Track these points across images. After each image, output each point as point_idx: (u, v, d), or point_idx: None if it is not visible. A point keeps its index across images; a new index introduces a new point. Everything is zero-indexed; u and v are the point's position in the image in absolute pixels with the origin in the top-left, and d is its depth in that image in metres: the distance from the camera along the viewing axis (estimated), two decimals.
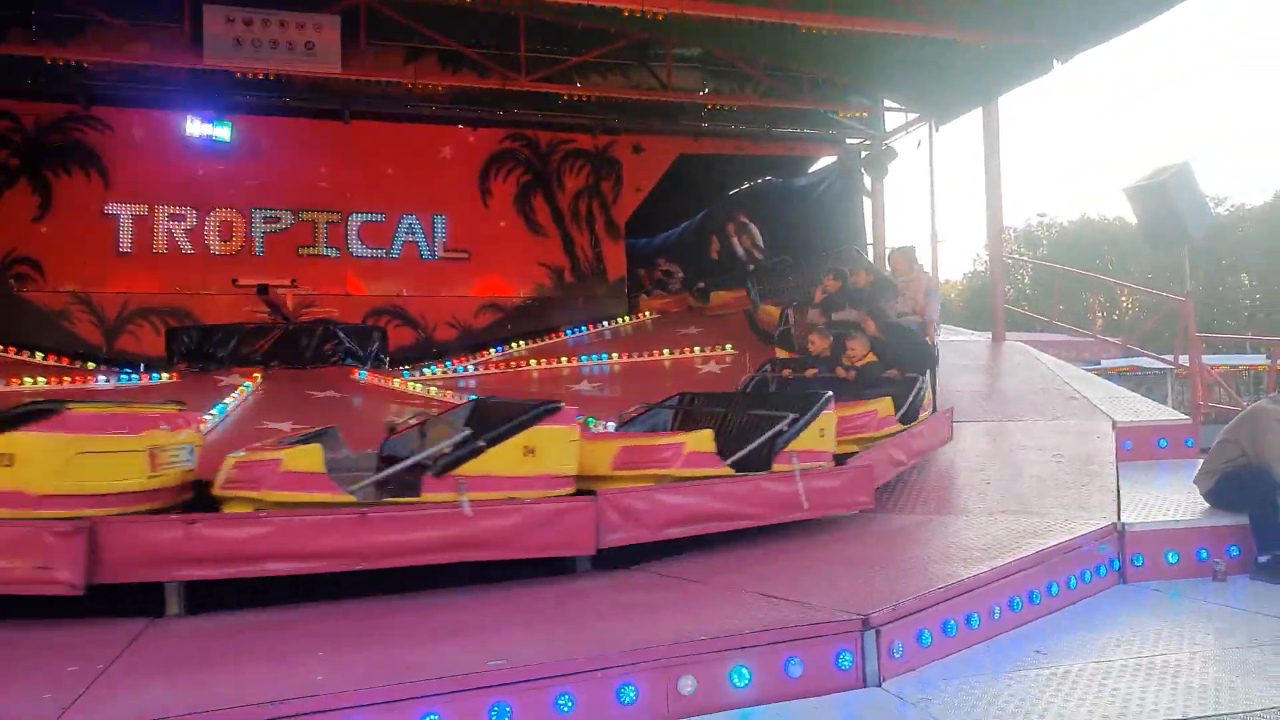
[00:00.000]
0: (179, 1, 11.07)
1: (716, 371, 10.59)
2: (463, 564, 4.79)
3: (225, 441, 6.65)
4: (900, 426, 7.32)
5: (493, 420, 5.29)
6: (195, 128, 12.05)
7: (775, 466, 5.92)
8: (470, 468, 4.95)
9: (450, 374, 11.33)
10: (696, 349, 11.61)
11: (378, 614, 4.33)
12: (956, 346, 11.39)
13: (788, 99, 13.89)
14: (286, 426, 7.53)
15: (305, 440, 5.29)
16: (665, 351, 11.67)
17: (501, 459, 5.01)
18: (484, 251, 13.54)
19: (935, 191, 13.48)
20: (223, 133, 12.16)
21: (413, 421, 6.18)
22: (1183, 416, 9.16)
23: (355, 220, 13.03)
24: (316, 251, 12.80)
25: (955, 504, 6.59)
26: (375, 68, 12.27)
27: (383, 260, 13.11)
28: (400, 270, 13.16)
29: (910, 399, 7.56)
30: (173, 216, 12.33)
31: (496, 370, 11.69)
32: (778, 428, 6.00)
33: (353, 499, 4.80)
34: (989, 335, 12.73)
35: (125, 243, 12.13)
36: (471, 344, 12.86)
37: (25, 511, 4.28)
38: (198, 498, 5.11)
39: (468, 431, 5.16)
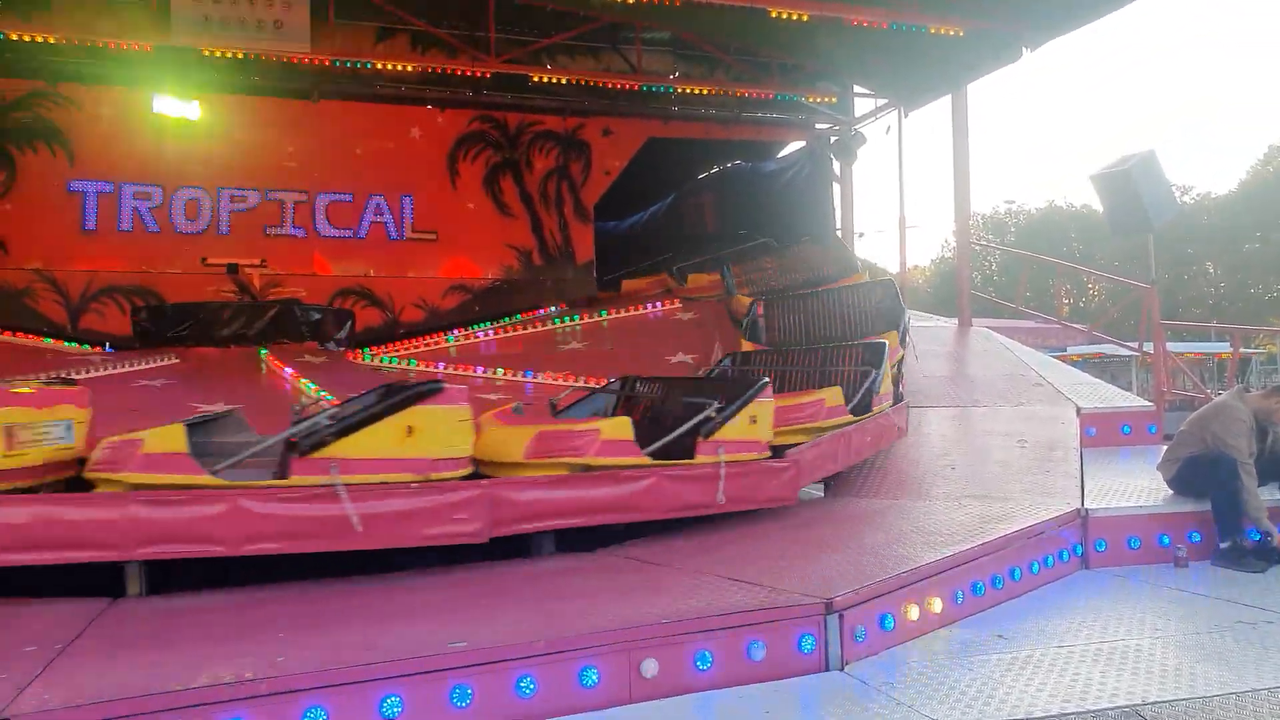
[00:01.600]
0: None
1: (689, 362, 10.61)
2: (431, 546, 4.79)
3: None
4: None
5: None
6: (162, 105, 11.83)
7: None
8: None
9: (412, 351, 11.24)
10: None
11: (339, 595, 4.33)
12: (924, 332, 11.48)
13: (757, 84, 13.88)
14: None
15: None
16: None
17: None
18: (452, 233, 13.45)
19: (904, 177, 13.56)
20: (190, 111, 11.95)
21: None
22: (1147, 403, 9.31)
23: (323, 200, 12.88)
24: (284, 231, 12.64)
25: (920, 489, 6.67)
26: (345, 47, 12.10)
27: (350, 240, 12.98)
28: (368, 251, 13.03)
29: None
30: (139, 195, 12.12)
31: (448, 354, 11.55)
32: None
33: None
34: (956, 321, 12.85)
35: (90, 220, 11.92)
36: (439, 325, 12.77)
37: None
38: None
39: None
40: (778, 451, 6.20)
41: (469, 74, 12.78)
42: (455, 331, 12.09)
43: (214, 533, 4.42)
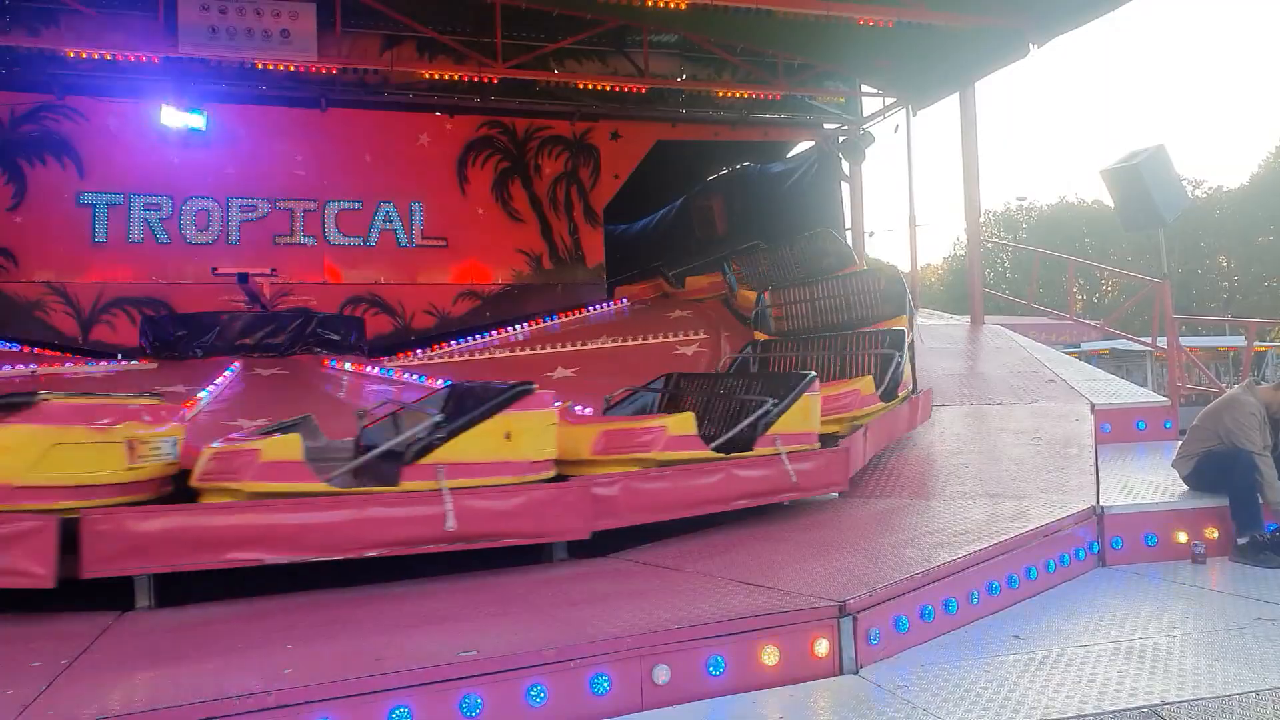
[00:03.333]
0: None
1: (687, 354, 10.58)
2: (437, 552, 4.77)
3: (208, 432, 6.56)
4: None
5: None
6: (170, 117, 11.89)
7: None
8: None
9: (429, 361, 11.26)
10: (674, 334, 11.49)
11: (348, 604, 4.30)
12: (936, 331, 11.43)
13: (765, 85, 13.85)
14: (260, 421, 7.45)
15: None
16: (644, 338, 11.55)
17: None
18: (462, 239, 13.47)
19: (914, 176, 13.52)
20: (198, 122, 12.01)
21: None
22: (1161, 399, 9.21)
23: (332, 208, 12.93)
24: (294, 240, 12.69)
25: (933, 488, 6.61)
26: (352, 56, 12.17)
27: (360, 248, 13.03)
28: (378, 258, 13.08)
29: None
30: (148, 206, 12.19)
31: (473, 358, 11.58)
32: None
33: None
34: (968, 319, 12.77)
35: (101, 232, 11.99)
36: (450, 332, 12.79)
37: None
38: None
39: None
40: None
41: (476, 80, 12.80)
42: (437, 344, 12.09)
43: (334, 540, 4.54)
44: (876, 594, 3.98)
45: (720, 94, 14.13)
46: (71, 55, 11.44)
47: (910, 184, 13.45)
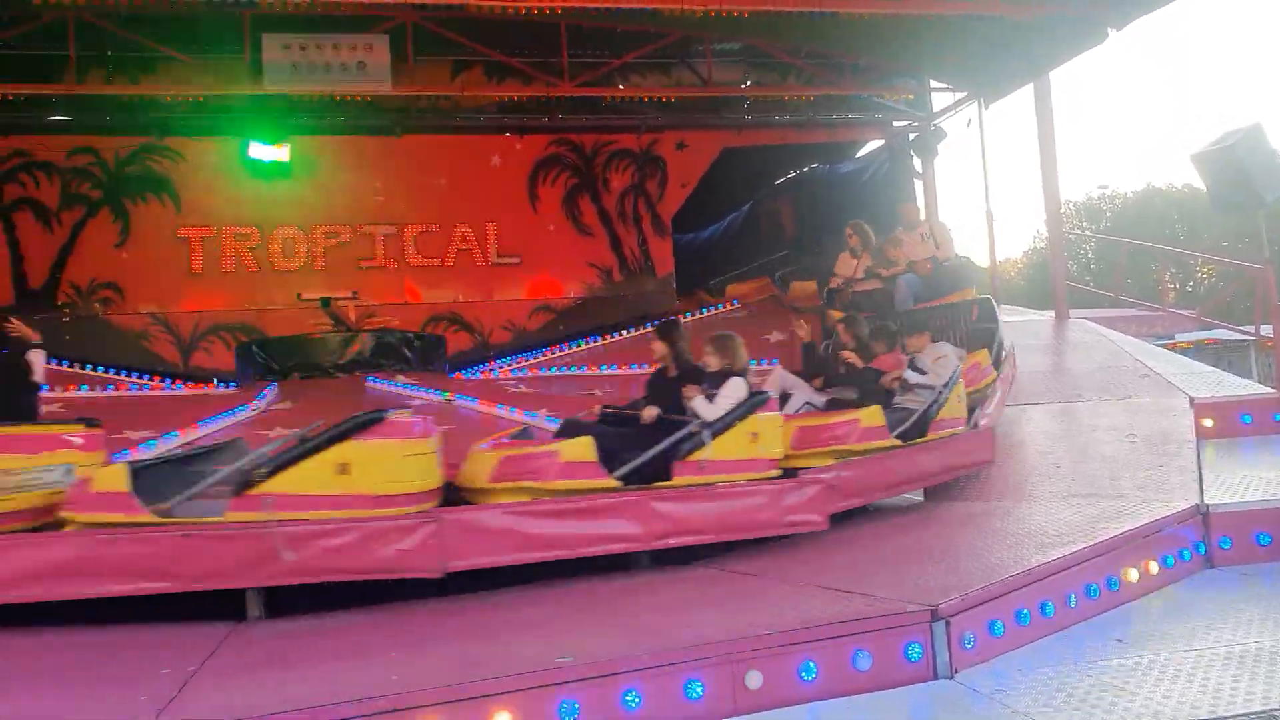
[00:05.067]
0: (240, 33, 11.40)
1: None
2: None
3: None
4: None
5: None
6: (258, 151, 12.38)
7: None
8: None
9: (506, 377, 11.51)
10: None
11: (444, 614, 4.45)
12: (1018, 326, 11.16)
13: (832, 86, 13.77)
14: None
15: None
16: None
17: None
18: (534, 255, 13.71)
19: (988, 169, 13.22)
20: (283, 154, 12.48)
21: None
22: (1269, 390, 8.78)
23: (411, 231, 13.29)
24: (375, 263, 13.08)
25: (1022, 489, 6.47)
26: (424, 82, 12.51)
27: (438, 268, 13.35)
28: (455, 277, 13.38)
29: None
30: (239, 237, 12.72)
31: (546, 372, 11.78)
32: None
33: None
34: (1051, 314, 12.45)
35: (197, 264, 12.56)
36: (525, 346, 13.03)
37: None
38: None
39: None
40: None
41: (544, 99, 13.04)
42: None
43: None
44: (969, 597, 3.94)
45: (786, 98, 14.10)
46: (168, 98, 12.05)
47: (985, 178, 13.08)
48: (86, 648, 4.10)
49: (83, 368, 11.22)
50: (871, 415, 6.52)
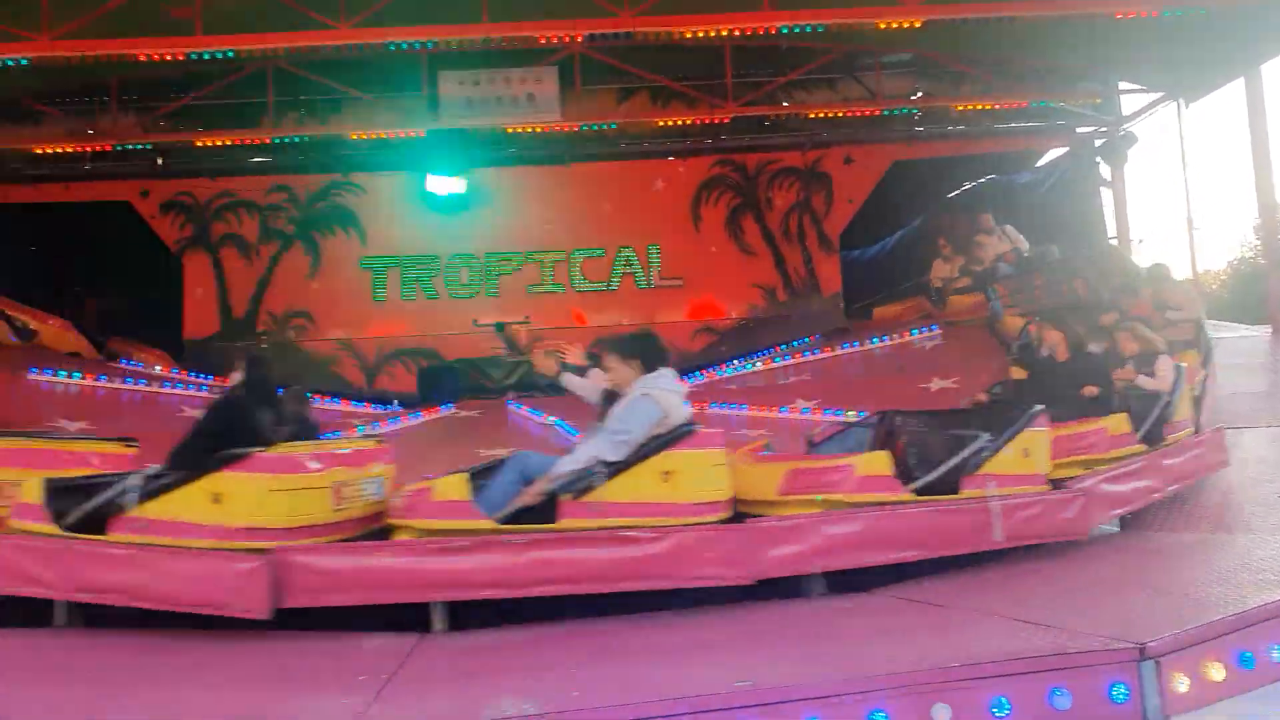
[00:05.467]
0: (418, 72, 12.10)
1: (950, 387, 10.07)
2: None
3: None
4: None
5: None
6: (435, 184, 13.07)
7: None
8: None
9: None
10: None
11: (622, 631, 4.46)
12: (1225, 343, 10.24)
13: (1009, 93, 13.18)
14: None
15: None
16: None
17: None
18: (697, 277, 13.79)
19: (1189, 174, 12.27)
20: (459, 186, 13.11)
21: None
22: None
23: (578, 257, 13.66)
24: (544, 289, 13.52)
25: (1238, 521, 5.89)
26: (591, 111, 12.87)
27: (604, 293, 13.64)
28: (620, 301, 13.64)
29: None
30: (418, 266, 13.45)
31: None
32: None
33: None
34: (1266, 329, 11.36)
35: (380, 292, 13.36)
36: (687, 367, 13.03)
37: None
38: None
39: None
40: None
41: (707, 122, 13.13)
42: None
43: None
44: (1183, 637, 3.59)
45: (959, 107, 13.59)
46: (353, 137, 12.93)
47: (1186, 183, 12.20)
48: (286, 653, 4.35)
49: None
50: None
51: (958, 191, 15.89)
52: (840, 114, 13.43)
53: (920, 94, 13.65)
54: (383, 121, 12.73)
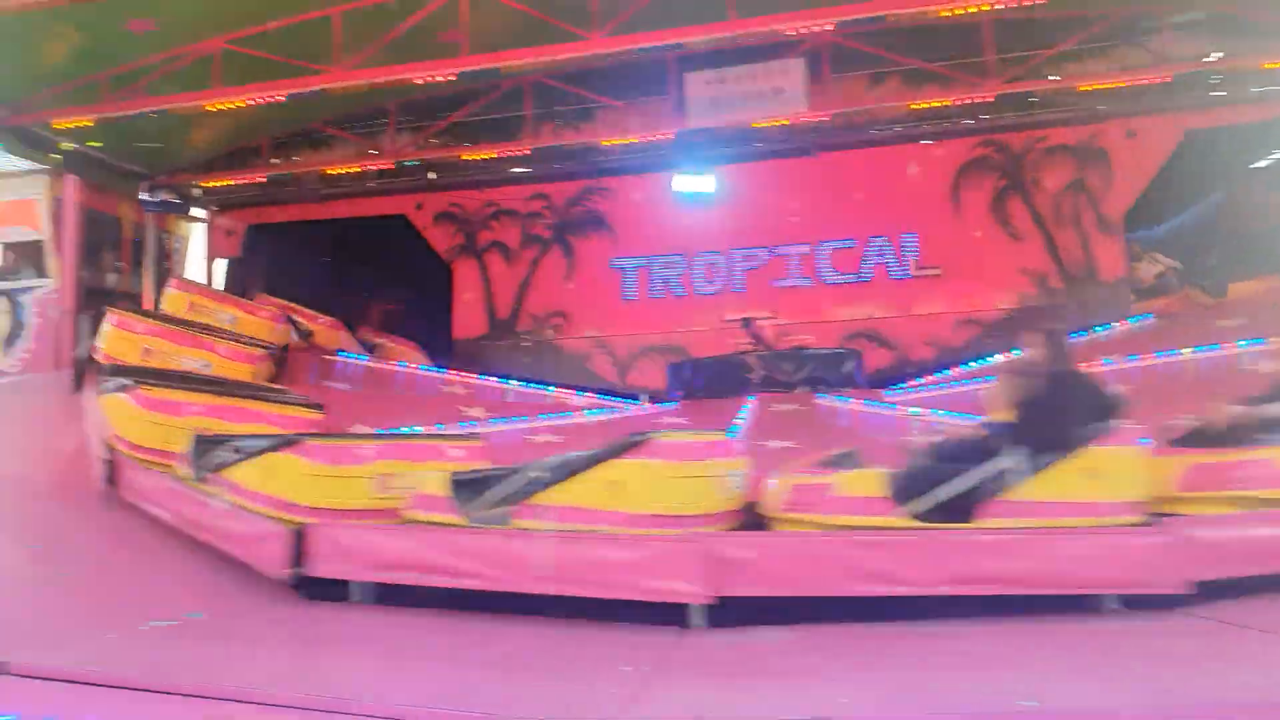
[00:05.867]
0: (665, 75, 12.31)
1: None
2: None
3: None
4: None
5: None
6: (682, 183, 13.25)
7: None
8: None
9: (928, 393, 10.98)
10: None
11: (888, 638, 4.23)
12: None
13: None
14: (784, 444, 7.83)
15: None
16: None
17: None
18: (958, 265, 13.03)
19: None
20: (707, 184, 13.22)
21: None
22: None
23: (825, 249, 13.35)
24: (791, 283, 13.32)
25: None
26: (839, 100, 12.49)
27: (854, 285, 13.23)
28: (872, 292, 13.18)
29: None
30: (666, 265, 13.71)
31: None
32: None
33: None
34: None
35: (630, 291, 13.75)
36: (951, 362, 12.36)
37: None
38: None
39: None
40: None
41: (965, 102, 12.35)
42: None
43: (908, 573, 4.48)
44: None
45: (1265, 66, 11.86)
46: (605, 143, 13.37)
47: None
48: (556, 640, 4.50)
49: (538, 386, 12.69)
50: None
51: (1266, 162, 13.94)
52: (1121, 84, 12.16)
53: (1219, 55, 12.07)
54: (632, 126, 13.07)
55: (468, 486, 5.31)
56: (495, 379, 12.08)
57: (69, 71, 10.86)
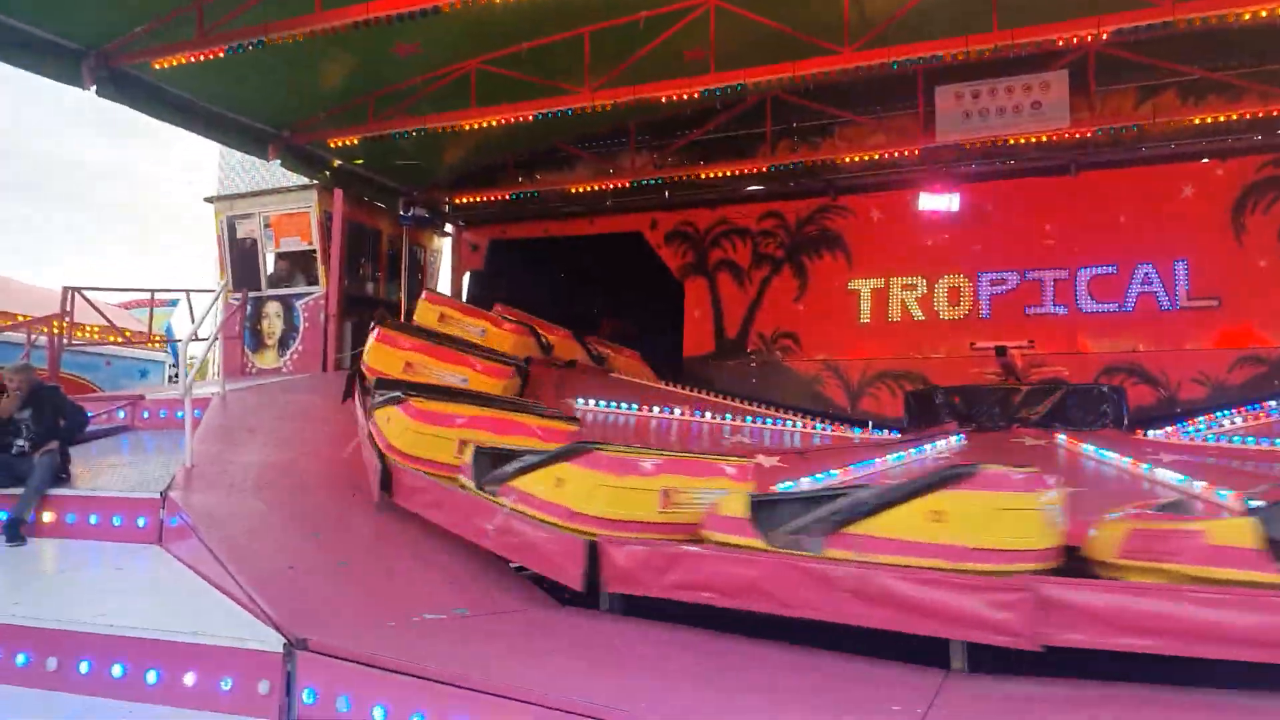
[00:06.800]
0: (913, 89, 11.84)
1: None
2: None
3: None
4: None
5: None
6: (927, 202, 12.67)
7: None
8: None
9: (1191, 439, 9.85)
10: None
11: (1164, 702, 3.75)
12: None
13: None
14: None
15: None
16: None
17: None
18: (1239, 297, 11.70)
19: None
20: (952, 204, 12.58)
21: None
22: None
23: (1084, 275, 12.37)
24: (1044, 310, 12.43)
25: None
26: (1105, 115, 11.55)
27: (1115, 314, 12.17)
28: (1136, 324, 12.08)
29: None
30: (905, 287, 13.16)
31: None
32: None
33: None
34: None
35: (865, 314, 13.30)
36: (1225, 403, 11.05)
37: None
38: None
39: None
40: None
41: (1256, 116, 11.06)
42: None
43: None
44: None
45: None
46: (844, 161, 13.02)
47: None
48: (824, 673, 4.29)
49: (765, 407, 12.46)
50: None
51: None
52: None
53: None
54: (874, 142, 12.67)
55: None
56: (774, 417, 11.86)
57: (341, 94, 11.85)
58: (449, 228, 16.12)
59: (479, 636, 4.74)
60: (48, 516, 6.53)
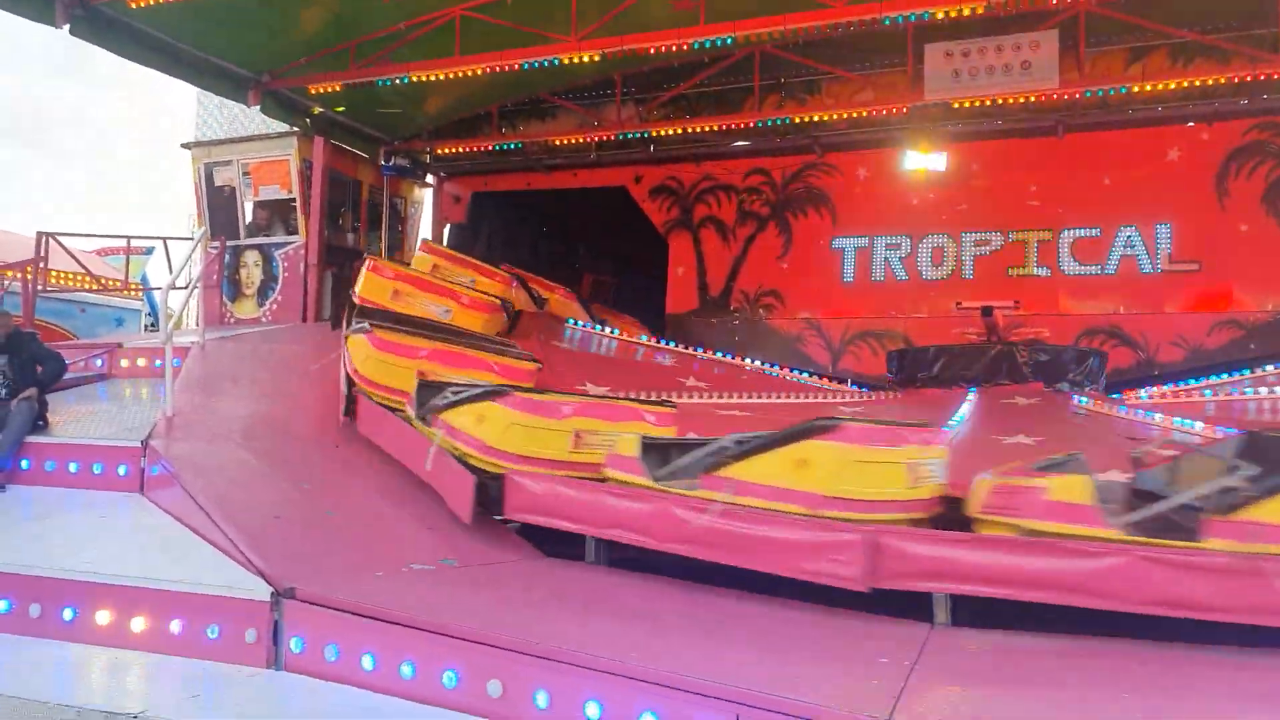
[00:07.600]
0: (902, 46, 11.72)
1: None
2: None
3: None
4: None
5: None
6: (913, 161, 12.59)
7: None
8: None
9: (1171, 399, 10.00)
10: None
11: (1142, 658, 3.87)
12: None
13: None
14: (1026, 440, 7.33)
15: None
16: None
17: None
18: (1219, 261, 11.75)
19: None
20: (939, 163, 12.50)
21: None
22: None
23: (1067, 237, 12.38)
24: (1027, 271, 12.47)
25: None
26: (1094, 76, 11.48)
27: (1097, 277, 12.22)
28: (1117, 287, 12.13)
29: None
30: (889, 246, 13.15)
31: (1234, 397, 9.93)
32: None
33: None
34: None
35: (848, 273, 13.29)
36: (1202, 367, 11.19)
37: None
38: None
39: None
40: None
41: (1244, 80, 11.05)
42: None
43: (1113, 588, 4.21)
44: None
45: None
46: (830, 118, 12.90)
47: None
48: (809, 626, 4.35)
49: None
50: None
51: None
52: None
53: None
54: (862, 99, 12.55)
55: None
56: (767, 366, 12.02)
57: (323, 39, 11.56)
58: (430, 179, 15.88)
59: (467, 586, 4.77)
60: (26, 464, 6.46)
